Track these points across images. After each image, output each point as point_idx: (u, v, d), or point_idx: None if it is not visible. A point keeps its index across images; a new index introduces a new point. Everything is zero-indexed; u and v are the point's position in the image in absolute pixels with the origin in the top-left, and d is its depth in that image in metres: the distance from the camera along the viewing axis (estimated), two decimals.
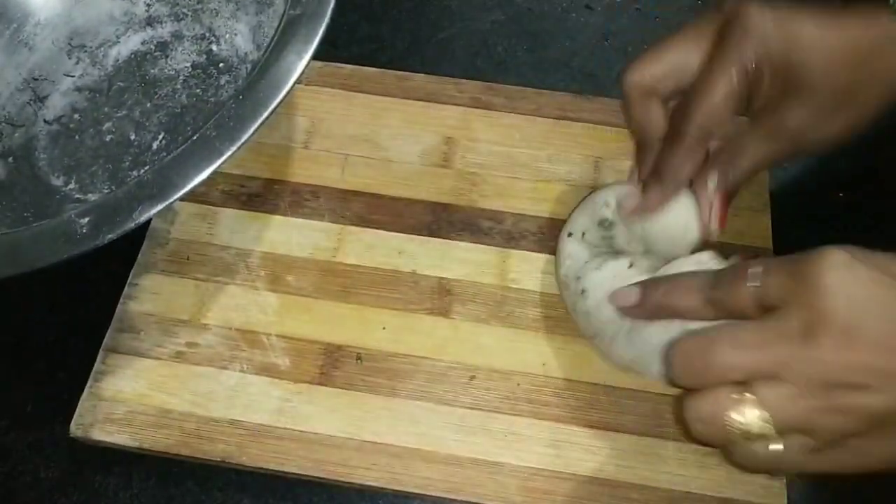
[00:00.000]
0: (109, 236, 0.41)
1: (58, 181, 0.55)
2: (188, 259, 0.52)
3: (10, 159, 0.54)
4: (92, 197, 0.54)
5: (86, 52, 0.59)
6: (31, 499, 0.48)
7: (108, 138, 0.56)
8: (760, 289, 0.35)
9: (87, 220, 0.42)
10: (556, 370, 0.49)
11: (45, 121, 0.57)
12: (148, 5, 0.61)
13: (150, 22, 0.60)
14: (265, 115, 0.44)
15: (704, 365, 0.34)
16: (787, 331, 0.33)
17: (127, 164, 0.55)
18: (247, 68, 0.57)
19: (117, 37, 0.60)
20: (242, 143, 0.43)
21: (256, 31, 0.57)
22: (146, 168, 0.52)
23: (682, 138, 0.42)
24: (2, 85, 0.56)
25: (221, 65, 0.59)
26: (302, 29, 0.47)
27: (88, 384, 0.48)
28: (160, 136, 0.56)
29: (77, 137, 0.56)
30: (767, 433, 0.33)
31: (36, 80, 0.57)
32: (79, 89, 0.58)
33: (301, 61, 0.45)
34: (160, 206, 0.42)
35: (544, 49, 0.64)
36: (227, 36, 0.59)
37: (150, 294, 0.51)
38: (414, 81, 0.59)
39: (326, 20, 0.47)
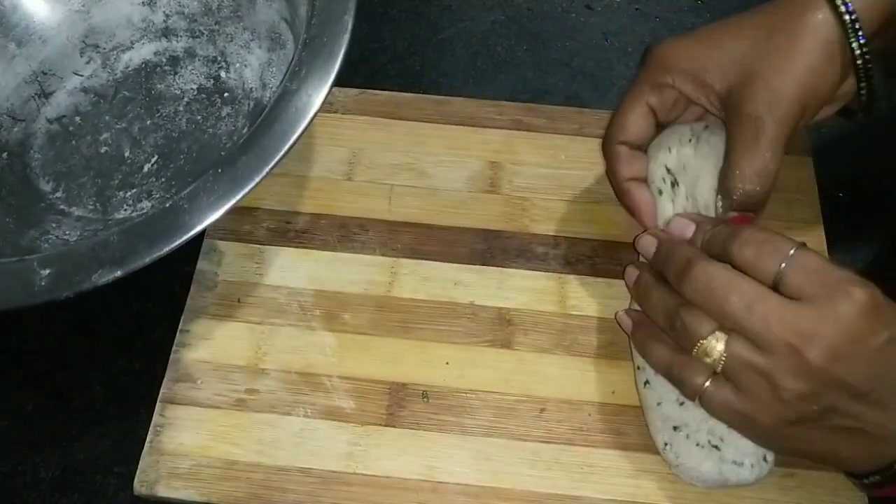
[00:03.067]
0: (66, 294, 0.41)
1: (46, 187, 0.54)
2: (239, 301, 0.51)
3: (5, 155, 0.54)
4: (76, 211, 0.53)
5: (98, 52, 0.58)
6: (31, 499, 0.47)
7: (103, 150, 0.55)
8: (785, 269, 0.39)
9: (47, 272, 0.41)
10: (627, 397, 0.48)
11: (46, 118, 0.56)
12: (167, 15, 0.60)
13: (166, 33, 0.60)
14: (242, 193, 0.42)
15: (721, 297, 0.39)
16: (792, 324, 0.38)
17: (116, 182, 0.54)
18: (250, 105, 0.56)
19: (132, 42, 0.59)
20: (209, 223, 0.41)
21: (266, 68, 0.56)
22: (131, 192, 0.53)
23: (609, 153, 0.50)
24: (10, 75, 0.55)
25: (226, 95, 0.57)
26: (302, 96, 0.45)
27: (149, 438, 0.47)
28: (153, 159, 0.55)
29: (74, 142, 0.56)
30: (715, 366, 0.40)
31: (45, 74, 0.57)
32: (85, 90, 0.58)
33: (288, 139, 0.43)
34: (119, 273, 0.41)
35: (544, 49, 0.63)
36: (238, 65, 0.58)
37: (202, 340, 0.50)
38: (453, 106, 0.58)
39: (324, 94, 0.45)
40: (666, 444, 0.45)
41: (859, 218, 0.56)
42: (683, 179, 0.48)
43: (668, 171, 0.48)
